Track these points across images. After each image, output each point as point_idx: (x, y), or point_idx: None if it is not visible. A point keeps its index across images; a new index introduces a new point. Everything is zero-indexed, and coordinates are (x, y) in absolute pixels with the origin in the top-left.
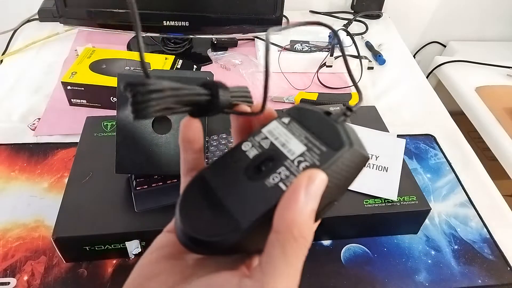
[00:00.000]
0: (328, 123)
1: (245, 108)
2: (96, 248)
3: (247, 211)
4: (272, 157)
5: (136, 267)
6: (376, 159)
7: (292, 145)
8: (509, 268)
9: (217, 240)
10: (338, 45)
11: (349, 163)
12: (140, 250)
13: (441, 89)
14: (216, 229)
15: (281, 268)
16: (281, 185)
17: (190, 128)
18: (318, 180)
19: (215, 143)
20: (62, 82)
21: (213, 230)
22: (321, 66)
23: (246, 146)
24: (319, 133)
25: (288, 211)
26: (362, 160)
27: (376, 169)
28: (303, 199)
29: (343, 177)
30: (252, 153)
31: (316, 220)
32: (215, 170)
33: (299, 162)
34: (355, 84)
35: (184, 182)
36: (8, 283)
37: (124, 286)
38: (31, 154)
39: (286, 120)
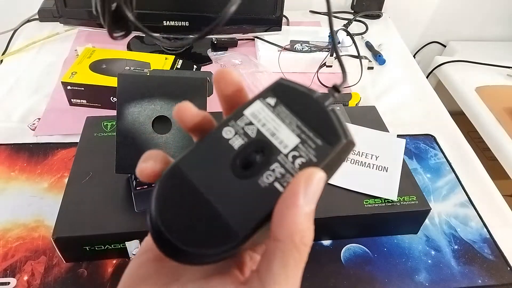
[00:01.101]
0: (318, 108)
1: None
2: (96, 248)
3: (242, 218)
4: (262, 149)
5: (126, 271)
6: (376, 159)
7: (283, 135)
8: (509, 268)
9: (212, 253)
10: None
11: (343, 154)
12: None
13: (441, 89)
14: (209, 239)
15: (281, 279)
16: (277, 185)
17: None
18: (317, 180)
19: None
20: (62, 82)
21: (205, 241)
22: (321, 66)
23: (228, 133)
24: (310, 120)
25: (288, 217)
26: (352, 148)
27: (376, 169)
28: (302, 202)
29: (335, 169)
30: (237, 142)
31: None
32: (194, 162)
33: (294, 157)
34: (338, 57)
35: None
36: (8, 283)
37: None
38: (31, 154)
39: (271, 101)
